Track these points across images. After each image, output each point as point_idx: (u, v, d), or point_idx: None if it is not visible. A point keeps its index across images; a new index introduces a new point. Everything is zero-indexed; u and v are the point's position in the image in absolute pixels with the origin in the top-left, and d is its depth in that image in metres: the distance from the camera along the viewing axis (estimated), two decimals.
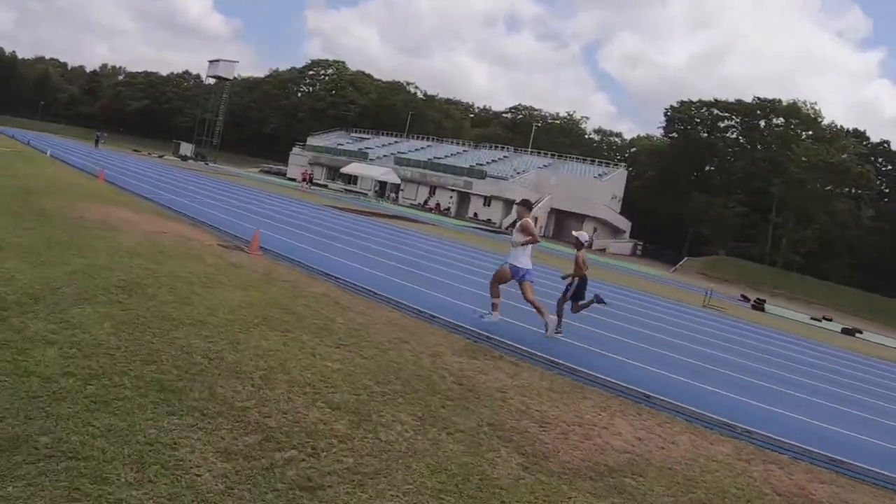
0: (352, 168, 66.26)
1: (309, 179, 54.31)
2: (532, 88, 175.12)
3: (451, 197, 59.75)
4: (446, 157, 71.01)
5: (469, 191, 59.36)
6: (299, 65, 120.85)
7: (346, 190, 63.87)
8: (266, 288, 8.16)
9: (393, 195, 61.53)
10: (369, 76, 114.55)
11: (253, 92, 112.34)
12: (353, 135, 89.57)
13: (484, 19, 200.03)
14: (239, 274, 8.75)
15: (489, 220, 56.99)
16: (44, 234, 8.62)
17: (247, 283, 8.21)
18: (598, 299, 9.89)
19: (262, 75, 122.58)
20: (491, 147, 77.40)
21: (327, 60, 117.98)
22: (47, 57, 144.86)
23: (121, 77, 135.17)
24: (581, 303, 9.85)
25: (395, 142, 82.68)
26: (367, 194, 61.04)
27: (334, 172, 72.62)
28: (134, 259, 8.10)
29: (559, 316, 9.41)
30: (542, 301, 9.27)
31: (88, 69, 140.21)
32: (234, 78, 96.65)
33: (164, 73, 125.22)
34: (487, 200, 58.23)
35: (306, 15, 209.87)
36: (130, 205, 15.21)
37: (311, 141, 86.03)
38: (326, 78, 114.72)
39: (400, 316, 8.39)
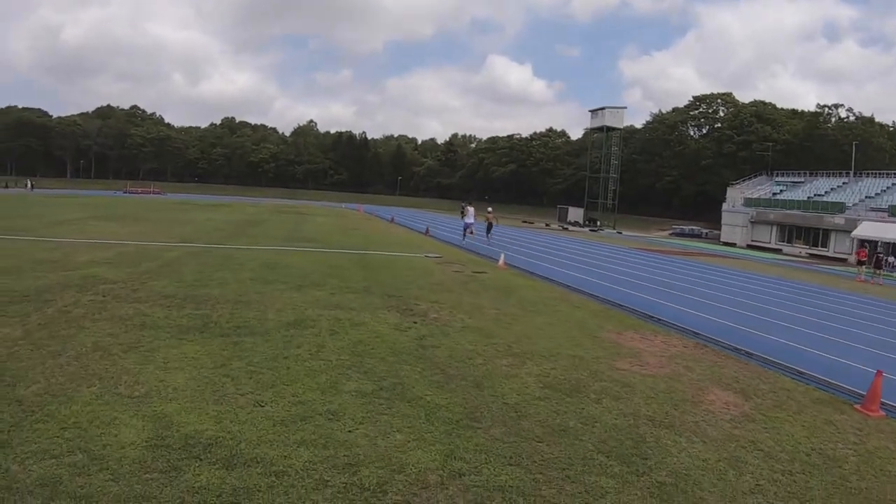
0: (870, 230, 49.46)
1: (877, 263, 31.39)
2: (864, 100, 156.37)
3: None
4: None
5: None
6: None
7: (809, 255, 52.21)
8: None
9: None
10: (771, 105, 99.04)
11: (631, 142, 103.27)
12: (780, 178, 75.52)
13: (800, 35, 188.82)
14: None
15: None
16: None
17: None
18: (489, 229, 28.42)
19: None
20: None
21: (712, 95, 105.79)
22: (395, 135, 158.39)
23: (473, 145, 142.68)
24: (488, 234, 27.73)
25: (844, 183, 67.08)
26: (846, 260, 47.31)
27: (789, 232, 59.54)
28: None
29: (487, 238, 27.47)
30: None
31: (439, 142, 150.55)
32: (624, 128, 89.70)
33: (524, 135, 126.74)
34: None
35: (621, 66, 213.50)
36: None
37: (735, 192, 73.69)
38: (721, 114, 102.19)
39: None
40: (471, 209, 27.46)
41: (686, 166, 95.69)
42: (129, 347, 6.32)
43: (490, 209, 30.03)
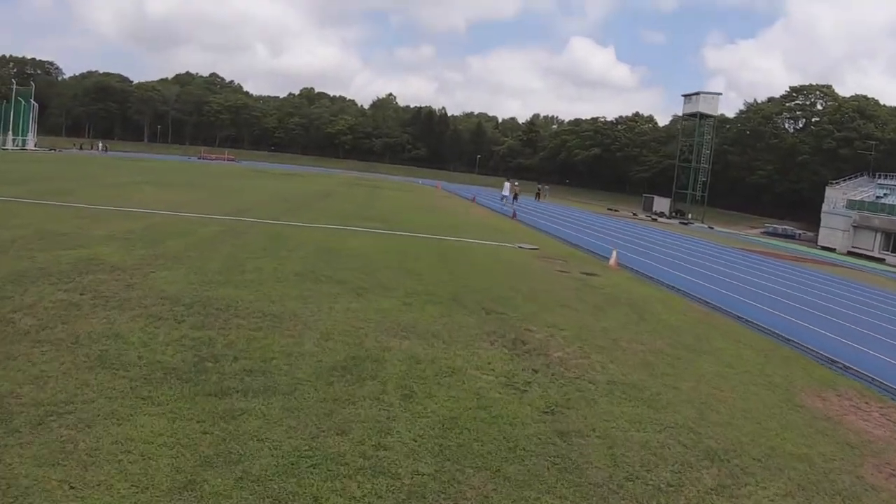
0: None
1: None
2: None
3: None
4: None
5: None
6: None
7: None
8: None
9: None
10: (874, 100, 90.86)
11: (721, 132, 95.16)
12: (883, 181, 68.81)
13: (892, 30, 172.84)
14: None
15: None
16: None
17: None
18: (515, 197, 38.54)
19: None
20: None
21: (812, 86, 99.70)
22: (475, 112, 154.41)
23: (554, 127, 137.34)
24: (514, 201, 37.04)
25: None
26: None
27: (895, 241, 54.08)
28: None
29: (513, 204, 36.21)
30: None
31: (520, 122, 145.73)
32: (718, 116, 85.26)
33: (608, 119, 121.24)
34: None
35: (705, 53, 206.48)
36: None
37: (835, 193, 68.31)
38: (820, 108, 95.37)
39: None
40: (507, 184, 36.84)
41: (781, 161, 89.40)
42: (45, 416, 3.50)
43: (517, 183, 44.63)
